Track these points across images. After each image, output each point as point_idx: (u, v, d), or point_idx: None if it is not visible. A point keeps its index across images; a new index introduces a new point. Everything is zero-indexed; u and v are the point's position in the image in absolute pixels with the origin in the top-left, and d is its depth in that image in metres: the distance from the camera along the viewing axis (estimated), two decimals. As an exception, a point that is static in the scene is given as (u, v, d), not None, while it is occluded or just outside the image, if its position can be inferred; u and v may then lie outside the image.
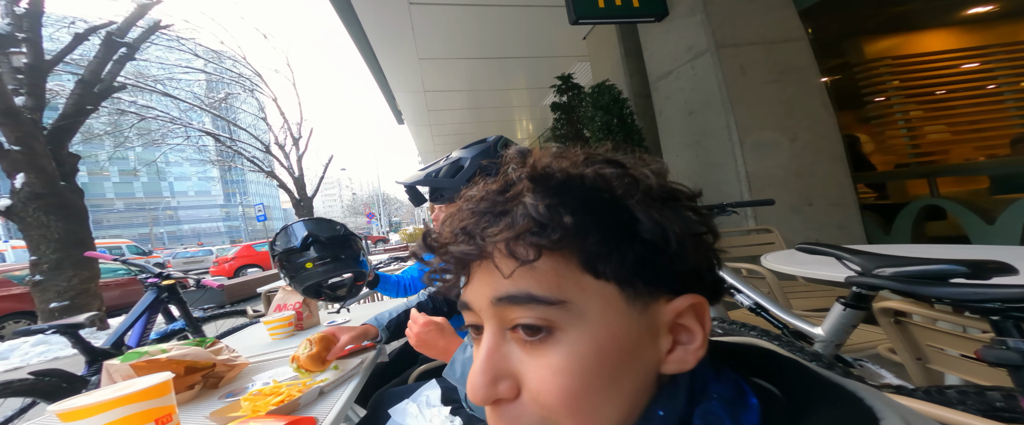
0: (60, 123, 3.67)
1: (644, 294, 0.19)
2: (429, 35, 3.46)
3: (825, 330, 0.72)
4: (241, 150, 8.82)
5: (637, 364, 0.18)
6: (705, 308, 0.19)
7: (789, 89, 1.99)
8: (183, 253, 13.94)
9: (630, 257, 0.18)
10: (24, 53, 3.44)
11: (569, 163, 0.20)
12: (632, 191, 0.19)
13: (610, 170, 0.19)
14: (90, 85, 3.82)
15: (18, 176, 3.23)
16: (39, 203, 3.26)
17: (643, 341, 0.19)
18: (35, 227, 3.28)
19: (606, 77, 2.95)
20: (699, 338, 0.19)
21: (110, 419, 0.40)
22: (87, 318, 1.26)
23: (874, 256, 0.62)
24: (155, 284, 1.72)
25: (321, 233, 0.83)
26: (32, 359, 3.05)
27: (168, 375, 0.47)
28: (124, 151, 9.25)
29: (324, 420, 0.51)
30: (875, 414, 0.16)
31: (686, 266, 0.19)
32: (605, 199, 0.19)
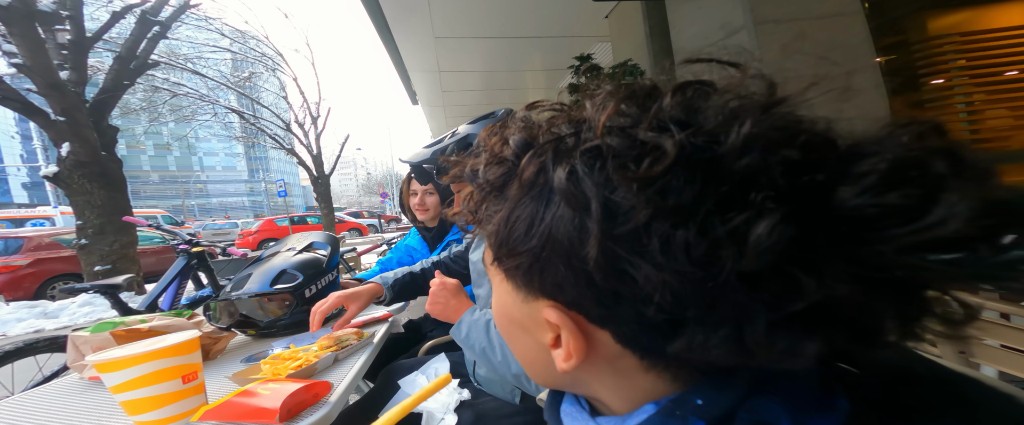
0: (100, 97, 3.89)
1: (523, 288, 0.18)
2: (446, 12, 3.40)
3: None
4: (264, 127, 9.12)
5: (528, 337, 0.20)
6: (567, 327, 0.16)
7: (837, 68, 1.90)
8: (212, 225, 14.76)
9: (494, 244, 0.18)
10: (67, 30, 3.62)
11: (495, 146, 0.18)
12: (513, 177, 0.17)
13: (507, 151, 0.18)
14: (126, 61, 4.00)
15: (64, 145, 3.47)
16: (83, 171, 3.51)
17: (528, 321, 0.19)
18: (80, 193, 3.54)
19: (629, 57, 2.83)
20: (563, 352, 0.17)
21: (142, 372, 0.44)
22: (124, 280, 1.37)
23: None
24: (185, 251, 1.85)
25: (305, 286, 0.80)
26: (78, 319, 3.36)
27: (195, 332, 0.51)
28: (158, 126, 9.76)
29: (339, 385, 0.55)
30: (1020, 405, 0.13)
31: (561, 271, 0.15)
32: (500, 187, 0.18)
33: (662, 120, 0.14)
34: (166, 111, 8.29)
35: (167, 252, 5.64)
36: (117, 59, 4.00)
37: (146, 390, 0.45)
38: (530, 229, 0.16)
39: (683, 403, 0.15)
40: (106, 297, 1.33)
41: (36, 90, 3.42)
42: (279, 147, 9.48)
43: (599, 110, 0.15)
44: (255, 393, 0.48)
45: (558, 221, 0.15)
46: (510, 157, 0.17)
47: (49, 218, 9.66)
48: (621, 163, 0.13)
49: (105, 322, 0.65)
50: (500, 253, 0.18)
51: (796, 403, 0.14)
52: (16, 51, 3.32)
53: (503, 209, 0.17)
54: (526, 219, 0.16)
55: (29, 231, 4.92)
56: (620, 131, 0.14)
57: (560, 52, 4.16)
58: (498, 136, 0.19)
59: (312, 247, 0.94)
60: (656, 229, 0.12)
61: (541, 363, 0.20)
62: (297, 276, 0.83)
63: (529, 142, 0.17)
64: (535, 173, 0.16)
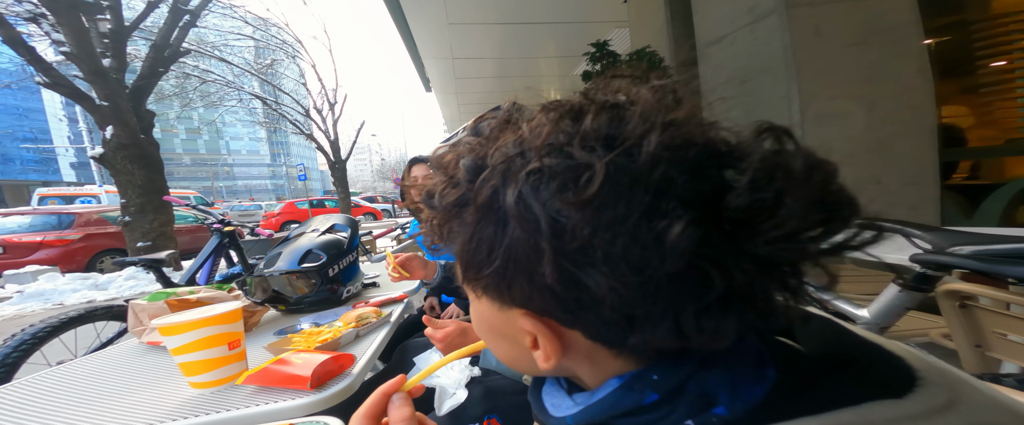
0: (138, 83, 4.12)
1: (495, 300, 0.19)
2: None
3: (872, 312, 0.66)
4: (285, 113, 9.40)
5: (509, 343, 0.21)
6: (541, 332, 0.18)
7: (875, 52, 1.74)
8: (239, 206, 15.49)
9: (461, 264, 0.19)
10: (108, 19, 3.82)
11: (455, 163, 0.19)
12: (441, 205, 0.19)
13: (461, 173, 0.18)
14: (161, 49, 4.20)
15: (108, 128, 3.72)
16: (125, 152, 3.76)
17: (508, 327, 0.20)
18: (123, 173, 3.81)
19: (647, 44, 2.74)
20: (541, 356, 0.19)
21: (197, 337, 0.51)
22: (168, 256, 1.51)
23: (949, 233, 0.58)
24: (218, 230, 1.99)
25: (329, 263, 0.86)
26: (124, 291, 3.66)
27: (238, 303, 0.57)
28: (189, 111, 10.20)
29: (361, 358, 0.61)
30: (911, 371, 0.15)
31: (526, 283, 0.17)
32: (462, 204, 0.18)
33: (589, 139, 0.15)
34: (196, 97, 8.67)
35: (199, 231, 6.01)
36: (153, 47, 4.20)
37: (200, 354, 0.51)
38: (492, 251, 0.17)
39: (641, 378, 0.18)
40: (151, 270, 1.47)
41: (82, 76, 3.67)
42: (299, 132, 9.78)
43: (535, 131, 0.17)
44: (289, 362, 0.54)
45: (515, 243, 0.16)
46: (463, 181, 0.18)
47: (95, 196, 10.40)
48: (561, 184, 0.15)
49: (159, 293, 0.73)
50: (467, 275, 0.19)
51: (735, 375, 0.17)
52: (64, 40, 3.55)
53: (463, 232, 0.18)
54: (486, 241, 0.17)
55: (79, 208, 5.35)
56: (557, 151, 0.16)
57: (575, 38, 4.04)
58: (451, 156, 0.20)
59: (334, 229, 1.00)
60: (598, 241, 0.14)
61: (525, 363, 0.21)
62: (321, 256, 0.89)
63: (479, 166, 0.18)
64: (489, 197, 0.17)
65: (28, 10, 3.55)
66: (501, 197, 0.16)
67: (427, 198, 0.20)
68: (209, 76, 8.13)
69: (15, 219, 4.50)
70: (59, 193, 10.49)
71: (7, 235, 4.21)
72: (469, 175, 0.18)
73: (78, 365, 0.67)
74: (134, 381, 0.59)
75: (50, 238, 4.32)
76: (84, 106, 3.70)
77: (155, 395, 0.53)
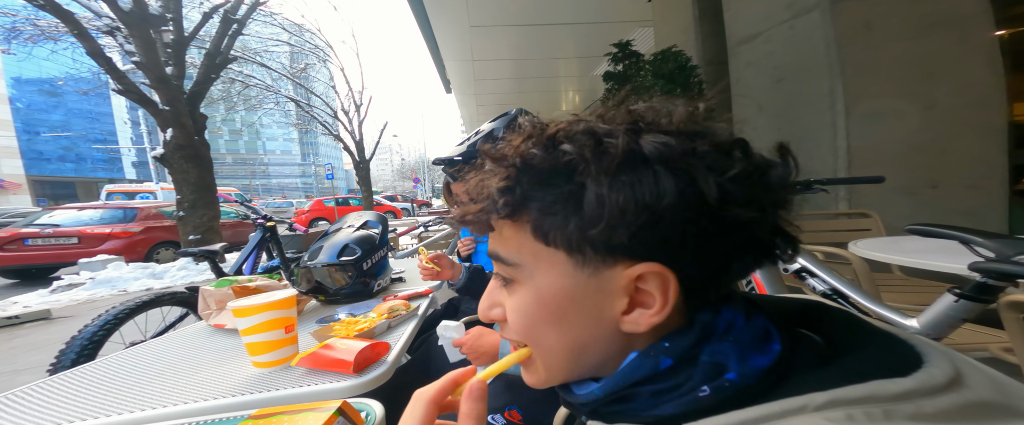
0: (194, 89, 4.52)
1: (595, 260, 0.20)
2: (482, 1, 3.42)
3: (921, 322, 0.62)
4: (315, 115, 9.94)
5: (585, 318, 0.21)
6: (665, 278, 0.19)
7: (936, 45, 1.61)
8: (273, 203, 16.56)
9: (573, 228, 0.20)
10: (171, 30, 4.23)
11: (530, 144, 0.21)
12: (587, 163, 0.19)
13: (567, 146, 0.20)
14: (214, 57, 4.59)
15: (168, 130, 4.12)
16: (182, 153, 4.14)
17: (591, 299, 0.21)
18: (179, 172, 4.20)
19: (672, 43, 2.66)
20: (657, 306, 0.20)
21: (261, 319, 0.56)
22: (220, 247, 1.65)
23: (1016, 241, 0.53)
24: (262, 225, 2.15)
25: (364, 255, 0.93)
26: (177, 280, 4.02)
27: (293, 291, 0.63)
28: (233, 114, 11.04)
29: (395, 346, 0.65)
30: (919, 355, 0.16)
31: (650, 236, 0.19)
32: (555, 174, 0.20)
33: None
34: (239, 100, 9.38)
35: (238, 226, 6.49)
36: (207, 55, 4.60)
37: (263, 335, 0.57)
38: (635, 193, 0.18)
39: (655, 347, 0.21)
40: (207, 261, 1.62)
41: (147, 83, 4.08)
42: (327, 133, 10.30)
43: (667, 107, 0.21)
44: (334, 347, 0.59)
45: (667, 180, 0.18)
46: (590, 134, 0.20)
47: (152, 192, 11.47)
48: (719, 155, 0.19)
49: (224, 280, 0.82)
50: (600, 232, 0.19)
51: (743, 346, 0.19)
52: (134, 50, 3.97)
53: (600, 182, 0.19)
54: (628, 185, 0.18)
55: (140, 203, 5.93)
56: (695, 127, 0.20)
57: (595, 38, 4.00)
58: (548, 130, 0.21)
59: (367, 225, 1.06)
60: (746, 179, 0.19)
61: (592, 341, 0.21)
62: (357, 250, 0.95)
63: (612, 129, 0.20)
64: (626, 145, 0.19)
65: (106, 24, 4.00)
66: (642, 148, 0.19)
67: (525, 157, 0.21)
68: (250, 81, 8.75)
69: (88, 212, 5.07)
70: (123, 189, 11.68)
71: (82, 227, 4.74)
72: (606, 132, 0.20)
73: (153, 345, 0.74)
74: (199, 360, 0.66)
75: (117, 230, 4.81)
76: (149, 110, 4.12)
77: (219, 373, 0.59)
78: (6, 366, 1.96)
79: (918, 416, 0.14)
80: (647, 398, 0.20)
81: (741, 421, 0.16)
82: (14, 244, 4.37)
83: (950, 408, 0.14)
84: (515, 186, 0.21)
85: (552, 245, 0.21)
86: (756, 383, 0.18)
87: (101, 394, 0.54)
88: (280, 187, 53.81)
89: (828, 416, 0.14)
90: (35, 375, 0.93)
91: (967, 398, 0.15)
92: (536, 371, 0.24)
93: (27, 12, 5.32)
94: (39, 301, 3.27)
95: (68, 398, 0.53)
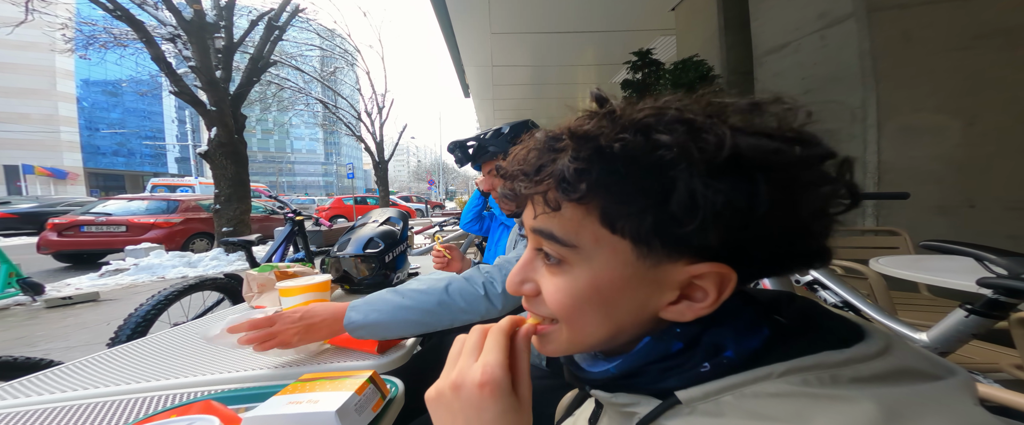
0: (238, 91, 4.89)
1: (660, 253, 0.20)
2: (505, 9, 3.48)
3: (931, 336, 0.62)
4: (341, 116, 10.38)
5: (632, 305, 0.22)
6: (728, 280, 0.20)
7: (982, 58, 1.53)
8: (297, 200, 17.32)
9: (649, 221, 0.19)
10: (222, 37, 4.61)
11: (615, 127, 0.19)
12: (680, 159, 0.18)
13: (665, 137, 0.18)
14: (256, 61, 4.96)
15: (213, 130, 4.46)
16: (223, 150, 4.47)
17: (644, 289, 0.21)
18: (219, 167, 4.52)
19: (695, 52, 2.63)
20: (709, 301, 0.20)
21: (304, 299, 0.62)
22: (256, 238, 1.78)
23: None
24: (291, 219, 2.29)
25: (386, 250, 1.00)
26: (210, 269, 4.25)
27: (328, 276, 0.69)
28: (267, 114, 11.74)
29: (408, 340, 0.69)
30: (862, 332, 0.20)
31: (730, 239, 0.18)
32: (643, 164, 0.18)
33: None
34: (273, 102, 9.98)
35: (265, 220, 6.83)
36: (251, 60, 4.97)
37: (301, 314, 0.62)
38: (731, 198, 0.17)
39: (668, 331, 0.22)
40: (243, 250, 1.74)
41: (198, 85, 4.46)
42: (351, 134, 10.75)
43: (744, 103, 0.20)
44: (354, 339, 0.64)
45: (763, 187, 0.18)
46: (687, 124, 0.18)
47: (191, 186, 12.29)
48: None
49: (264, 266, 0.89)
50: (688, 231, 0.18)
51: (737, 331, 0.21)
52: (190, 55, 4.36)
53: (691, 186, 0.17)
54: (726, 188, 0.17)
55: (180, 196, 6.39)
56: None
57: (615, 46, 4.00)
58: (629, 113, 0.20)
59: (390, 221, 1.12)
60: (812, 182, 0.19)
61: (630, 326, 0.22)
62: (380, 244, 1.01)
63: (690, 118, 0.19)
64: (729, 142, 0.17)
65: (169, 32, 4.42)
66: (727, 144, 0.18)
67: (600, 152, 0.19)
68: (285, 83, 9.31)
69: (136, 203, 5.52)
70: (166, 183, 12.61)
71: (131, 216, 5.15)
72: (687, 119, 0.19)
73: (196, 325, 0.80)
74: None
75: (160, 220, 5.17)
76: (198, 110, 4.48)
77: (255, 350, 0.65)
78: (60, 343, 2.16)
79: (857, 379, 0.17)
80: (655, 374, 0.21)
81: (722, 386, 0.19)
82: (71, 230, 4.76)
83: (881, 371, 0.18)
84: (590, 169, 0.19)
85: (618, 233, 0.20)
86: (748, 359, 0.20)
87: (157, 362, 0.61)
88: (304, 184, 56.36)
89: (788, 380, 0.18)
90: (84, 352, 1.02)
91: (893, 364, 0.18)
92: (558, 343, 0.24)
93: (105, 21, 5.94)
94: (89, 284, 3.56)
95: (129, 365, 0.60)
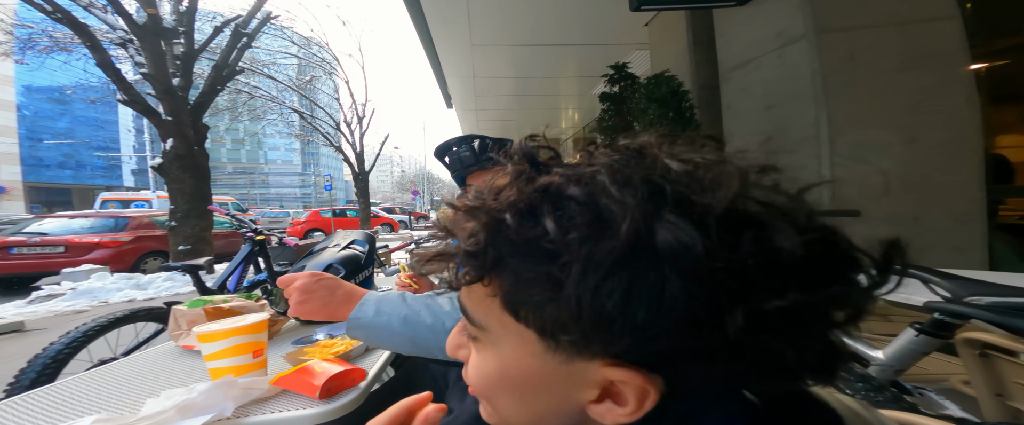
0: (199, 100, 4.59)
1: (569, 350, 0.17)
2: (484, 22, 3.51)
3: (887, 354, 0.67)
4: (318, 126, 10.04)
5: (549, 398, 0.19)
6: (644, 389, 0.16)
7: (918, 80, 1.65)
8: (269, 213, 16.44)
9: (550, 314, 0.16)
10: (181, 43, 4.35)
11: (522, 195, 0.16)
12: (569, 252, 0.15)
13: (548, 223, 0.15)
14: (221, 69, 4.70)
15: (169, 141, 4.14)
16: (180, 163, 4.15)
17: (559, 383, 0.18)
18: (175, 182, 4.19)
19: (667, 67, 2.73)
20: (629, 409, 0.17)
21: (228, 344, 0.53)
22: (205, 261, 1.61)
23: (969, 282, 0.58)
24: (251, 238, 2.11)
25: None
26: (162, 291, 3.89)
27: (266, 314, 0.60)
28: (237, 123, 11.19)
29: (370, 372, 0.62)
30: (839, 418, 0.18)
31: (640, 349, 0.15)
32: (538, 249, 0.16)
33: (772, 192, 0.16)
34: (244, 111, 9.52)
35: (233, 236, 6.40)
36: (214, 67, 4.71)
37: (229, 360, 0.54)
38: (628, 303, 0.14)
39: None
40: (189, 275, 1.57)
41: (153, 94, 4.15)
42: (329, 144, 10.41)
43: (712, 164, 0.15)
44: (306, 371, 0.56)
45: (677, 293, 0.14)
46: (587, 206, 0.15)
47: (148, 201, 11.39)
48: (768, 232, 0.14)
49: (197, 300, 0.78)
50: (582, 329, 0.15)
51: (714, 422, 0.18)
52: (144, 62, 4.06)
53: (585, 278, 0.14)
54: (620, 290, 0.14)
55: (133, 212, 5.87)
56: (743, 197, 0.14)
57: (595, 59, 4.10)
58: (534, 183, 0.16)
59: (353, 244, 1.04)
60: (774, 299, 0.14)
61: (553, 416, 0.19)
62: (340, 270, 0.93)
63: (610, 191, 0.15)
64: (634, 233, 0.14)
65: (120, 36, 4.12)
66: (652, 235, 0.14)
67: (526, 225, 0.16)
68: (256, 91, 8.92)
69: (79, 221, 4.99)
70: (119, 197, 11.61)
71: (71, 235, 4.64)
72: (608, 195, 0.15)
73: (118, 366, 0.71)
74: (167, 383, 0.62)
75: (106, 239, 4.69)
76: (152, 120, 4.16)
77: (184, 397, 0.56)
78: (-32, 381, 1.86)
79: None
80: None
81: None
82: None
83: None
84: (487, 249, 0.17)
85: (522, 322, 0.18)
86: None
87: (61, 415, 0.51)
88: (279, 197, 53.80)
89: None
90: (-4, 391, 0.87)
91: None
92: (490, 418, 0.22)
93: (44, 24, 5.48)
94: (14, 312, 3.14)
95: (24, 421, 0.49)
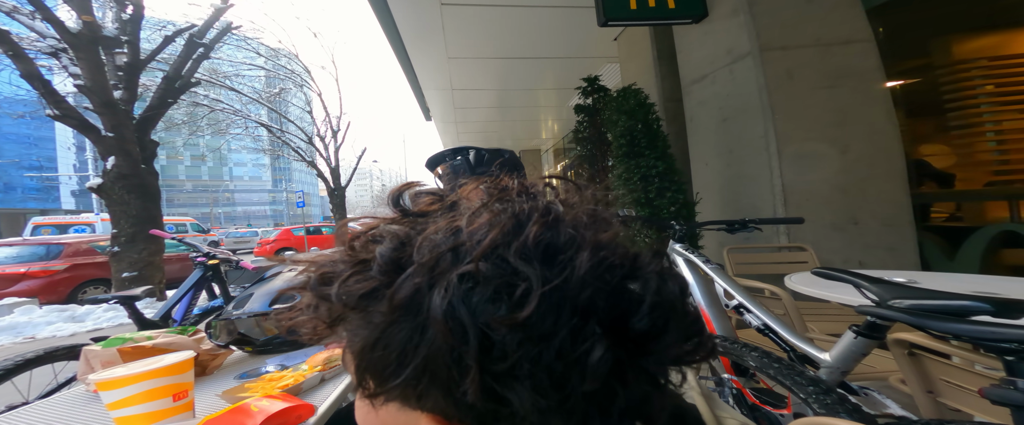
0: (146, 114, 4.23)
1: (398, 400, 0.17)
2: (459, 35, 3.55)
3: (833, 356, 0.71)
4: (288, 140, 9.62)
5: None
6: None
7: (845, 96, 1.82)
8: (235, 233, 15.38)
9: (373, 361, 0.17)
10: (125, 53, 4.02)
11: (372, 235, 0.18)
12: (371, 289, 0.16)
13: (328, 268, 0.18)
14: (173, 81, 4.38)
15: (110, 159, 3.76)
16: (123, 183, 3.77)
17: None
18: (118, 204, 3.79)
19: (635, 80, 2.85)
20: None
21: (137, 391, 0.45)
22: (143, 291, 1.44)
23: (892, 286, 0.62)
24: (202, 263, 1.92)
25: None
26: (103, 323, 3.49)
27: (190, 353, 0.52)
28: (196, 138, 10.46)
29: (320, 408, 0.55)
30: None
31: (411, 388, 0.16)
32: None
33: (528, 250, 0.15)
34: (205, 125, 8.92)
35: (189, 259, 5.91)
36: (165, 79, 4.37)
37: (139, 407, 0.45)
38: (403, 359, 0.15)
39: None
40: (125, 307, 1.39)
41: (91, 108, 3.78)
42: (301, 159, 9.96)
43: (477, 230, 0.16)
44: (243, 412, 0.48)
45: (436, 354, 0.14)
46: (377, 271, 0.16)
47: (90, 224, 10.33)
48: (495, 294, 0.14)
49: (115, 338, 0.67)
50: (366, 381, 0.17)
51: None
52: (79, 73, 3.70)
53: (367, 333, 0.16)
54: (397, 347, 0.15)
55: (69, 237, 5.27)
56: (496, 257, 0.15)
57: (571, 71, 4.22)
58: (361, 240, 0.18)
59: None
60: (525, 359, 0.14)
61: None
62: (295, 297, 0.84)
63: (401, 258, 0.16)
64: (409, 297, 0.15)
65: (50, 45, 3.74)
66: (426, 300, 0.15)
67: (320, 284, 0.17)
68: (218, 105, 8.40)
69: (3, 250, 4.41)
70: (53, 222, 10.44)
71: (-9, 265, 4.10)
72: (387, 266, 0.16)
73: (25, 413, 0.60)
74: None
75: (34, 269, 4.20)
76: (89, 137, 3.77)
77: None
78: None
79: None
80: None
81: None
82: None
83: None
84: (338, 314, 0.18)
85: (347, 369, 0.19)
86: None
87: None
88: (246, 215, 50.51)
89: None
90: None
91: None
92: None
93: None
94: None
95: None
